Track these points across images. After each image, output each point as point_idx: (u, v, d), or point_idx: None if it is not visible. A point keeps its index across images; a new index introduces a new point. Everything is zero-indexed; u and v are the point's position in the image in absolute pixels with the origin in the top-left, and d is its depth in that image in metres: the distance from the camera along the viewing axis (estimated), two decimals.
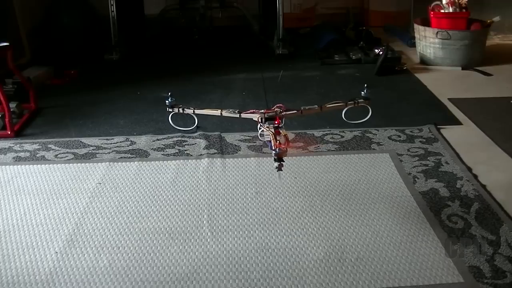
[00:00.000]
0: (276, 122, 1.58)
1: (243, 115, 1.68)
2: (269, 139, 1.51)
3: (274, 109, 1.61)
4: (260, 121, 1.60)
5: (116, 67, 3.37)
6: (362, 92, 1.68)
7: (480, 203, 1.65)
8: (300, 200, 1.71)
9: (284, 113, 1.62)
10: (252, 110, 1.66)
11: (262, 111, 1.60)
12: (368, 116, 1.84)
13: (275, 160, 1.38)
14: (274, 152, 1.39)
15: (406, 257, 1.41)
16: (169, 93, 1.74)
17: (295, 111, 1.67)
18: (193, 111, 1.73)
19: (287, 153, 1.41)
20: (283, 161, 1.36)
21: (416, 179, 1.82)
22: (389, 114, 2.45)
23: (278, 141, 1.44)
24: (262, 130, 1.58)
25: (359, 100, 1.68)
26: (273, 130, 1.53)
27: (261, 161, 1.96)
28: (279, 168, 1.37)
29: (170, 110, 1.73)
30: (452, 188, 1.75)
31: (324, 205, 1.68)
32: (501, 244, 1.45)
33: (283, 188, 1.77)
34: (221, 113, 1.71)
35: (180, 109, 1.72)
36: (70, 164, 1.98)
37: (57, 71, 3.12)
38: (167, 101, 1.72)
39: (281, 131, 1.57)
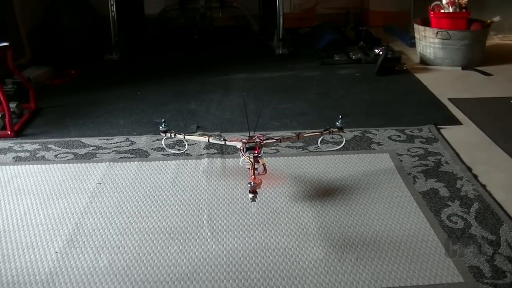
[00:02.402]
0: (255, 151, 1.70)
1: (228, 143, 1.84)
2: (249, 167, 1.65)
3: (255, 139, 1.75)
4: (241, 150, 1.73)
5: (116, 67, 3.37)
6: (337, 122, 1.88)
7: (480, 203, 1.65)
8: (300, 200, 1.71)
9: (265, 141, 1.77)
10: (235, 138, 1.82)
11: (244, 140, 1.74)
12: (342, 145, 2.02)
13: (249, 192, 1.50)
14: (249, 185, 1.52)
15: (406, 257, 1.41)
16: (163, 120, 1.92)
17: (274, 140, 1.83)
18: (184, 137, 1.91)
19: (261, 186, 1.55)
20: (257, 193, 1.51)
21: (416, 179, 1.82)
22: (389, 114, 2.45)
23: (253, 176, 1.58)
24: (244, 159, 1.72)
25: (334, 130, 1.89)
26: (252, 160, 1.66)
27: None
28: (253, 199, 1.50)
29: (163, 135, 1.92)
30: (452, 188, 1.75)
31: (324, 205, 1.68)
32: (501, 244, 1.45)
33: (283, 188, 1.78)
34: (208, 140, 1.87)
35: (172, 134, 1.91)
36: (70, 164, 1.98)
37: (57, 71, 3.11)
38: (160, 127, 1.91)
39: (259, 160, 1.70)
